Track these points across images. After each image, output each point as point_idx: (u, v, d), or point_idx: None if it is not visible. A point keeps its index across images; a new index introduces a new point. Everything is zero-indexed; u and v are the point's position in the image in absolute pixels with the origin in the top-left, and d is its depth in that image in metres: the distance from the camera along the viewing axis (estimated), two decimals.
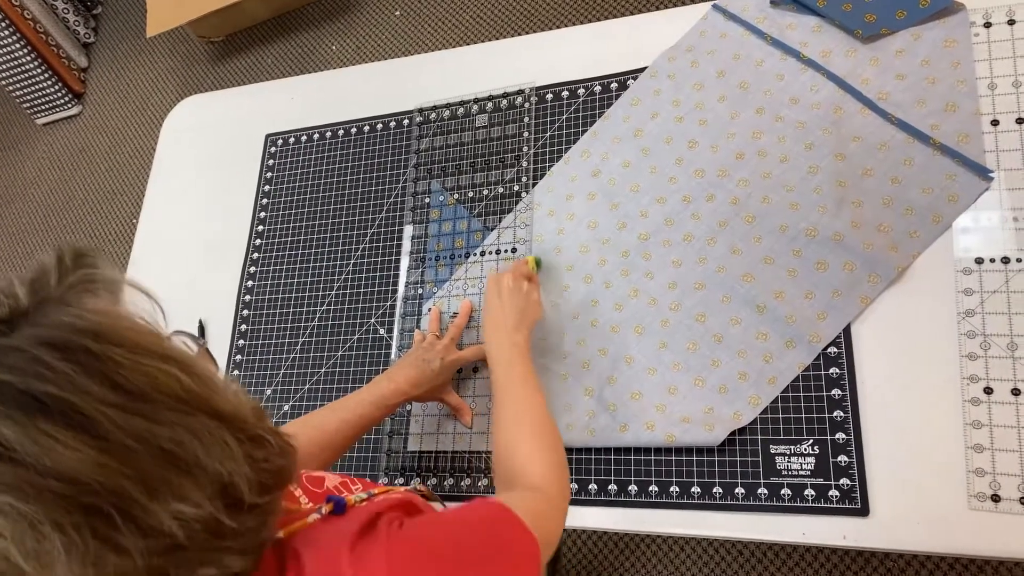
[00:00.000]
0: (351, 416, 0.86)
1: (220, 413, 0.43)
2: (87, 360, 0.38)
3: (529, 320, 0.87)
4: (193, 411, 0.41)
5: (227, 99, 1.43)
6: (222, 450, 0.42)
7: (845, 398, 0.81)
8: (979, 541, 0.73)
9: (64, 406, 0.36)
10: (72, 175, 2.84)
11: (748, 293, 0.88)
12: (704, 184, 0.95)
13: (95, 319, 0.39)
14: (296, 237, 1.19)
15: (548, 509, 0.67)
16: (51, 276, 0.41)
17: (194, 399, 0.41)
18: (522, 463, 0.72)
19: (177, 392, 0.41)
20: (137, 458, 0.38)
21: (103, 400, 0.37)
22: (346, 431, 0.86)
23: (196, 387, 0.42)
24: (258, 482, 0.44)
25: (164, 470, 0.39)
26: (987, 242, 0.81)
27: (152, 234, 1.33)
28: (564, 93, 1.09)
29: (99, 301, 0.42)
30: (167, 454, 0.39)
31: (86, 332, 0.39)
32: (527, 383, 0.79)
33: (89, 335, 0.38)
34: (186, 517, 0.39)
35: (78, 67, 2.95)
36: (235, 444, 0.43)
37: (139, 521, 0.38)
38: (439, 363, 0.91)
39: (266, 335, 1.15)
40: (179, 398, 0.41)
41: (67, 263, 0.42)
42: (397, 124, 1.19)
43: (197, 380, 0.42)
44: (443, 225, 1.09)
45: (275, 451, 0.46)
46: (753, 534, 0.82)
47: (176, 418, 0.40)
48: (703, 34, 1.02)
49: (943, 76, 0.88)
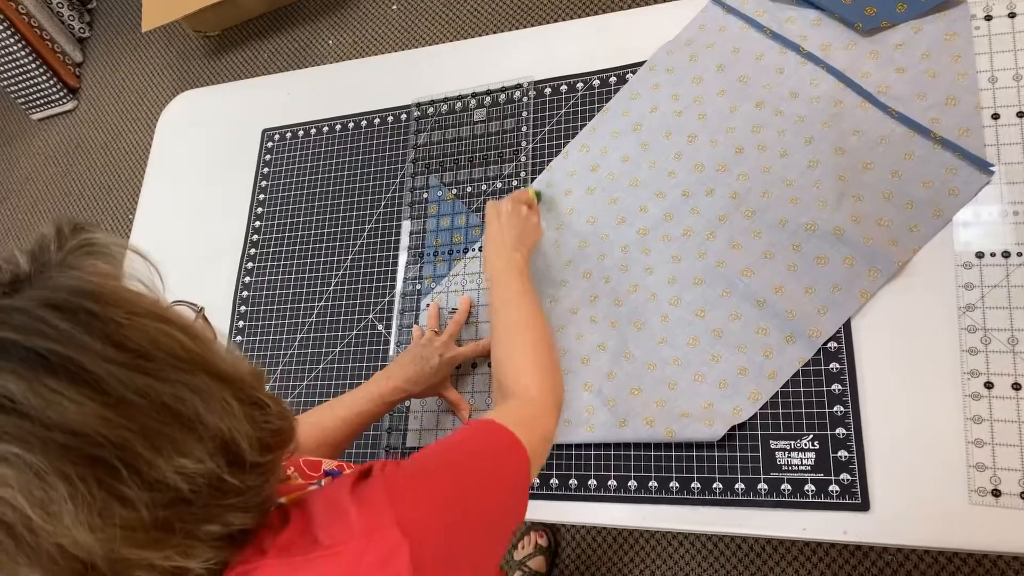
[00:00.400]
0: (349, 414, 0.86)
1: (220, 373, 0.43)
2: (88, 320, 0.39)
3: (528, 241, 0.89)
4: (193, 370, 0.42)
5: (223, 94, 1.42)
6: (223, 408, 0.43)
7: (845, 393, 0.81)
8: (980, 536, 0.73)
9: (67, 362, 0.37)
10: (68, 170, 2.83)
11: (748, 288, 0.88)
12: (703, 178, 0.95)
13: (96, 280, 0.41)
14: (293, 233, 1.19)
15: (538, 415, 0.70)
16: (51, 244, 0.42)
17: (194, 358, 0.42)
18: (515, 374, 0.74)
19: (177, 352, 0.41)
20: (140, 412, 0.39)
21: (105, 357, 0.38)
22: (345, 428, 0.86)
23: (196, 348, 0.43)
24: (259, 440, 0.45)
25: (166, 425, 0.40)
26: (988, 236, 0.81)
27: (148, 230, 1.33)
28: (563, 87, 1.08)
29: (100, 264, 0.43)
30: (169, 409, 0.40)
31: (87, 294, 0.40)
32: (523, 297, 0.81)
33: (90, 296, 0.39)
34: (189, 472, 0.40)
35: (73, 62, 2.93)
36: (236, 403, 0.44)
37: (143, 474, 0.39)
38: (438, 360, 0.91)
39: (263, 331, 1.14)
40: (179, 357, 0.41)
41: (66, 232, 0.43)
42: (395, 119, 1.18)
43: (197, 342, 0.43)
44: (441, 220, 1.09)
45: (275, 414, 0.47)
46: (753, 530, 0.82)
47: (177, 376, 0.41)
48: (702, 28, 1.02)
49: (944, 70, 0.87)
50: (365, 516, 0.47)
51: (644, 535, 1.67)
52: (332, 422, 0.86)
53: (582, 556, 1.70)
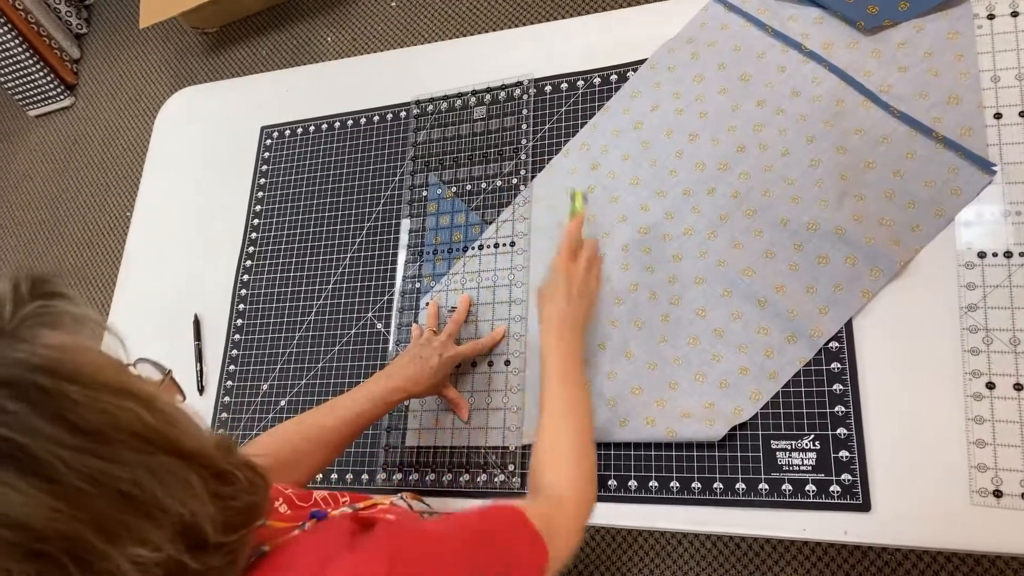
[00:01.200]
0: (349, 414, 0.86)
1: (183, 450, 0.40)
2: (40, 399, 0.36)
3: (592, 313, 0.86)
4: (154, 450, 0.39)
5: (221, 91, 1.41)
6: (184, 490, 0.40)
7: (846, 393, 0.81)
8: (981, 536, 0.73)
9: (14, 449, 0.34)
10: (65, 168, 2.82)
11: (749, 287, 0.88)
12: (705, 177, 0.94)
13: (49, 354, 0.37)
14: (292, 231, 1.18)
15: (566, 520, 0.67)
16: (5, 308, 0.39)
17: (155, 437, 0.39)
18: (554, 469, 0.72)
19: (137, 430, 0.38)
20: (92, 502, 0.36)
21: (56, 441, 0.35)
22: (344, 429, 0.85)
23: (158, 424, 0.40)
24: (223, 521, 0.42)
25: (122, 513, 0.37)
26: (990, 236, 0.81)
27: (146, 227, 1.32)
28: (563, 85, 1.08)
29: (55, 334, 0.39)
30: (125, 496, 0.37)
31: (39, 369, 0.36)
32: (579, 381, 0.78)
33: (42, 372, 0.36)
34: (145, 561, 0.37)
35: (70, 58, 2.92)
36: (199, 483, 0.41)
37: (94, 567, 0.36)
38: (437, 360, 0.90)
39: (262, 330, 1.14)
40: (139, 436, 0.38)
41: (23, 292, 0.40)
42: (394, 116, 1.18)
43: (159, 416, 0.40)
44: (441, 218, 1.08)
45: (244, 487, 0.44)
46: (754, 530, 0.81)
47: (135, 458, 0.38)
48: (704, 26, 1.01)
49: (946, 68, 0.87)
50: (359, 569, 0.46)
51: (644, 535, 1.67)
52: (333, 422, 0.85)
53: (582, 555, 1.70)
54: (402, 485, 0.97)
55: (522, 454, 0.92)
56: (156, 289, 1.26)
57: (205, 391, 1.14)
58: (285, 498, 0.64)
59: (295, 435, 0.84)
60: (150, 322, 1.23)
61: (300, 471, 0.84)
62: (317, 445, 0.84)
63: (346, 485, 1.00)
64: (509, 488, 0.92)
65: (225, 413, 1.11)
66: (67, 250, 2.68)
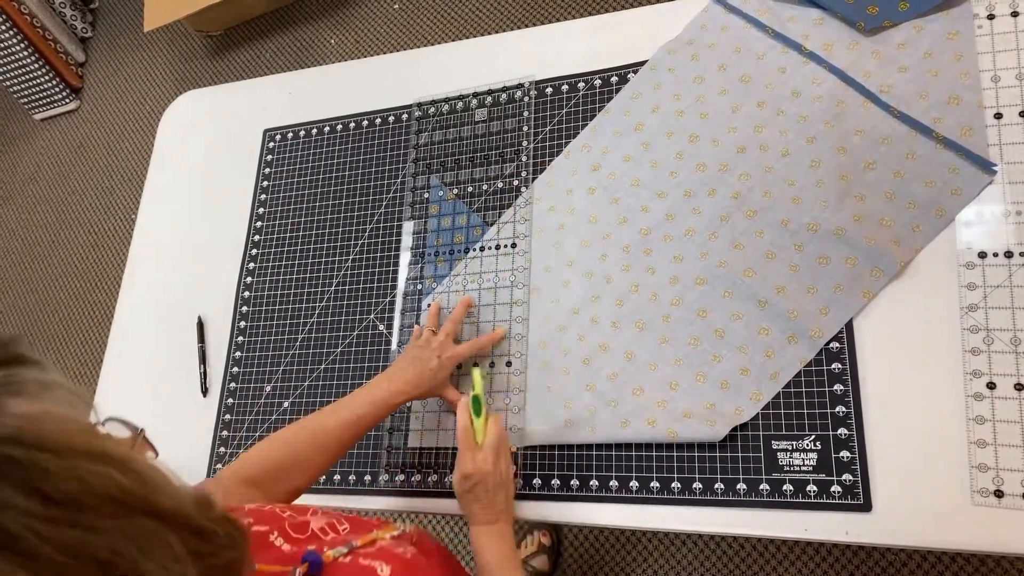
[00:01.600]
0: (351, 417, 0.86)
1: (160, 511, 0.39)
2: (10, 470, 0.34)
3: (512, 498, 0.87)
4: (131, 513, 0.37)
5: (225, 94, 1.42)
6: (164, 552, 0.38)
7: (847, 393, 0.81)
8: (982, 537, 0.73)
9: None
10: (70, 171, 2.83)
11: (750, 288, 0.88)
12: (705, 178, 0.94)
13: (18, 424, 0.36)
14: (295, 233, 1.19)
15: None
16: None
17: (131, 500, 0.38)
18: None
19: (113, 494, 0.37)
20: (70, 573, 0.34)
21: (30, 513, 0.34)
22: (346, 432, 0.85)
23: (133, 486, 0.38)
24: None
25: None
26: (990, 236, 0.81)
27: (151, 230, 1.33)
28: (564, 87, 1.08)
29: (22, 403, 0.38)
30: (103, 565, 0.36)
31: (8, 440, 0.35)
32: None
33: (11, 442, 0.35)
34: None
35: (75, 62, 2.94)
36: (178, 543, 0.39)
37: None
38: (436, 361, 0.91)
39: (265, 331, 1.14)
40: (115, 501, 0.37)
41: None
42: (396, 119, 1.18)
43: (134, 477, 0.38)
44: (442, 220, 1.08)
45: (223, 543, 0.43)
46: (755, 530, 0.82)
47: (112, 524, 0.36)
48: (704, 27, 1.02)
49: (946, 69, 0.87)
50: None
51: (646, 535, 1.67)
52: (334, 425, 0.85)
53: (585, 556, 1.70)
54: (404, 486, 0.97)
55: (524, 455, 0.93)
56: (160, 291, 1.26)
57: (209, 393, 1.14)
58: (280, 528, 0.62)
59: (296, 439, 0.85)
60: (154, 324, 1.24)
61: (301, 475, 0.84)
62: (318, 449, 0.84)
63: (348, 487, 1.00)
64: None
65: (228, 415, 1.12)
66: (72, 252, 2.70)
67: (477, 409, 0.86)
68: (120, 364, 1.25)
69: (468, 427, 0.85)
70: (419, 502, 0.97)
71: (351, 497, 1.00)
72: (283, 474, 0.82)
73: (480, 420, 0.85)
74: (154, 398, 1.19)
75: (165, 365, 1.20)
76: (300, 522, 0.62)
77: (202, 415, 1.13)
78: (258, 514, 0.64)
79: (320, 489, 1.01)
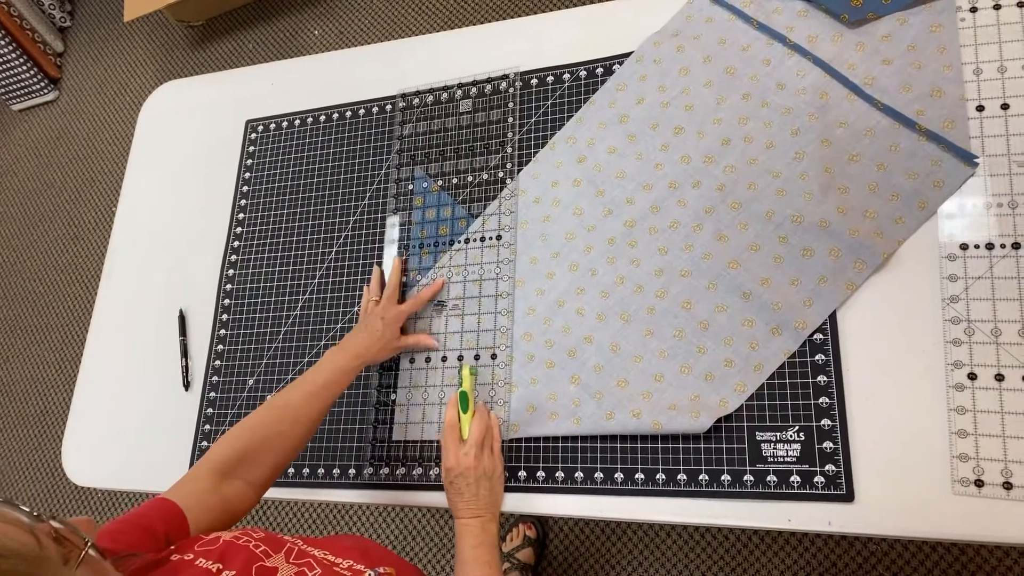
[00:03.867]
0: (314, 387, 0.87)
1: None
2: None
3: (501, 500, 0.88)
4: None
5: (207, 85, 1.40)
6: None
7: (831, 384, 0.81)
8: (962, 526, 0.73)
9: None
10: (49, 162, 2.79)
11: (734, 280, 0.88)
12: (690, 170, 0.94)
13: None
14: (278, 224, 1.17)
15: None
16: None
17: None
18: None
19: None
20: None
21: None
22: (313, 403, 0.87)
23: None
24: None
25: None
26: (972, 228, 0.81)
27: (131, 222, 1.31)
28: (549, 78, 1.07)
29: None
30: None
31: None
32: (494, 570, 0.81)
33: None
34: None
35: (54, 52, 2.89)
36: None
37: None
38: (381, 323, 0.95)
39: (248, 325, 1.13)
40: None
41: None
42: (380, 110, 1.17)
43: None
44: (427, 212, 1.08)
45: None
46: (739, 521, 0.82)
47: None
48: (689, 18, 1.01)
49: (929, 61, 0.87)
50: None
51: (631, 526, 1.68)
52: (300, 397, 0.86)
53: (570, 547, 1.71)
54: (389, 480, 0.97)
55: (508, 447, 0.92)
56: (141, 284, 1.25)
57: (191, 387, 1.13)
58: (245, 556, 0.60)
59: (265, 419, 0.85)
60: (135, 317, 1.22)
61: (278, 452, 0.84)
62: (290, 423, 0.85)
63: (332, 480, 1.00)
64: None
65: (211, 409, 1.10)
66: (51, 245, 2.66)
67: (465, 405, 0.88)
68: (100, 358, 1.23)
69: (455, 422, 0.88)
70: (404, 495, 0.96)
71: (335, 491, 1.00)
72: (258, 456, 0.82)
73: (467, 415, 0.88)
74: (135, 392, 1.17)
75: (146, 359, 1.19)
76: (269, 568, 0.60)
77: (184, 409, 1.12)
78: (232, 549, 0.61)
79: (304, 483, 1.01)
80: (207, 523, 0.73)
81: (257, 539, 0.63)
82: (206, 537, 0.63)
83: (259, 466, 0.82)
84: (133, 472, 1.13)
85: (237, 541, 0.62)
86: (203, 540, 0.62)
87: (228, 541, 0.62)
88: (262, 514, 2.03)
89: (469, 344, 0.99)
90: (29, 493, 2.37)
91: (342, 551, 0.67)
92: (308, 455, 1.02)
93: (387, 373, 1.02)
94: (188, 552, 0.59)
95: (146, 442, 1.14)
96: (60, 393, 2.44)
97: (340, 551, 0.67)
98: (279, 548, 0.63)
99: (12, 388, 2.53)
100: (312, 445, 1.02)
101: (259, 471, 0.83)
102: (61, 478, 2.32)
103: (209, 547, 0.60)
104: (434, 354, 1.00)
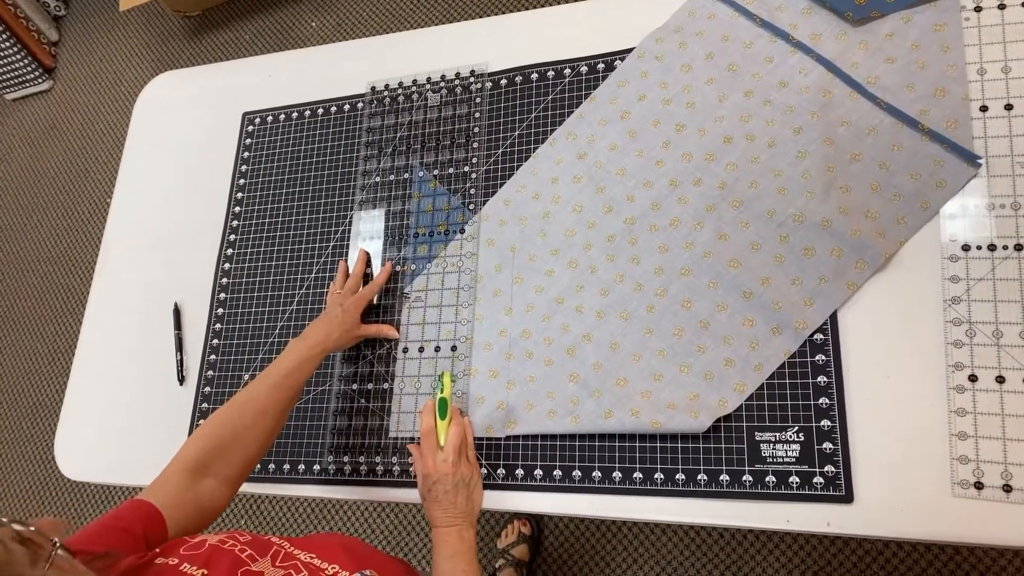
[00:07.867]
0: (276, 378, 0.87)
1: None
2: None
3: (479, 507, 0.88)
4: None
5: (203, 76, 1.39)
6: None
7: (831, 385, 0.81)
8: (962, 528, 0.73)
9: None
10: (43, 152, 2.77)
11: (735, 279, 0.87)
12: (691, 168, 0.94)
13: None
14: (275, 217, 1.16)
15: None
16: None
17: None
18: None
19: None
20: None
21: None
22: (277, 395, 0.87)
23: None
24: None
25: None
26: (974, 229, 0.81)
27: (125, 214, 1.30)
28: (550, 73, 1.07)
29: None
30: None
31: None
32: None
33: None
34: None
35: (48, 41, 2.87)
36: None
37: None
38: (340, 311, 0.96)
39: (244, 319, 1.12)
40: None
41: None
42: (378, 102, 1.16)
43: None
44: (424, 204, 1.07)
45: None
46: (737, 521, 0.81)
47: None
48: (691, 15, 1.01)
49: (933, 60, 0.87)
50: None
51: (628, 525, 1.67)
52: (263, 389, 0.86)
53: (565, 545, 1.70)
54: (351, 476, 0.97)
55: (505, 445, 0.92)
56: (135, 276, 1.24)
57: (185, 381, 1.12)
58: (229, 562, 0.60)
59: (231, 414, 0.85)
60: (129, 310, 1.21)
61: (249, 445, 0.84)
62: (256, 415, 0.85)
63: (297, 475, 0.99)
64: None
65: (206, 404, 1.10)
66: (45, 236, 2.64)
67: (443, 411, 0.87)
68: (94, 351, 1.22)
69: (432, 429, 0.87)
70: (361, 491, 0.97)
71: (292, 486, 1.01)
72: (227, 451, 0.82)
73: (444, 422, 0.87)
74: (129, 386, 1.16)
75: (140, 353, 1.17)
76: (255, 573, 0.60)
77: (179, 404, 1.11)
78: (217, 554, 0.61)
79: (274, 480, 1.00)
80: (183, 522, 0.73)
81: (243, 543, 0.63)
82: (192, 540, 0.62)
83: (230, 461, 0.82)
84: (126, 466, 1.12)
85: (223, 545, 0.61)
86: (188, 544, 0.61)
87: (214, 545, 0.61)
88: (253, 509, 2.03)
89: (447, 335, 0.98)
90: (21, 486, 2.35)
91: (328, 553, 0.67)
92: (276, 450, 1.03)
93: (349, 363, 1.03)
94: (173, 556, 0.59)
95: (140, 436, 1.13)
96: (53, 385, 2.43)
97: (326, 553, 0.67)
98: (265, 552, 0.63)
99: (4, 380, 2.52)
100: (282, 441, 1.03)
101: (230, 466, 0.82)
102: (54, 471, 2.31)
103: (194, 551, 0.60)
104: (426, 344, 1.00)
